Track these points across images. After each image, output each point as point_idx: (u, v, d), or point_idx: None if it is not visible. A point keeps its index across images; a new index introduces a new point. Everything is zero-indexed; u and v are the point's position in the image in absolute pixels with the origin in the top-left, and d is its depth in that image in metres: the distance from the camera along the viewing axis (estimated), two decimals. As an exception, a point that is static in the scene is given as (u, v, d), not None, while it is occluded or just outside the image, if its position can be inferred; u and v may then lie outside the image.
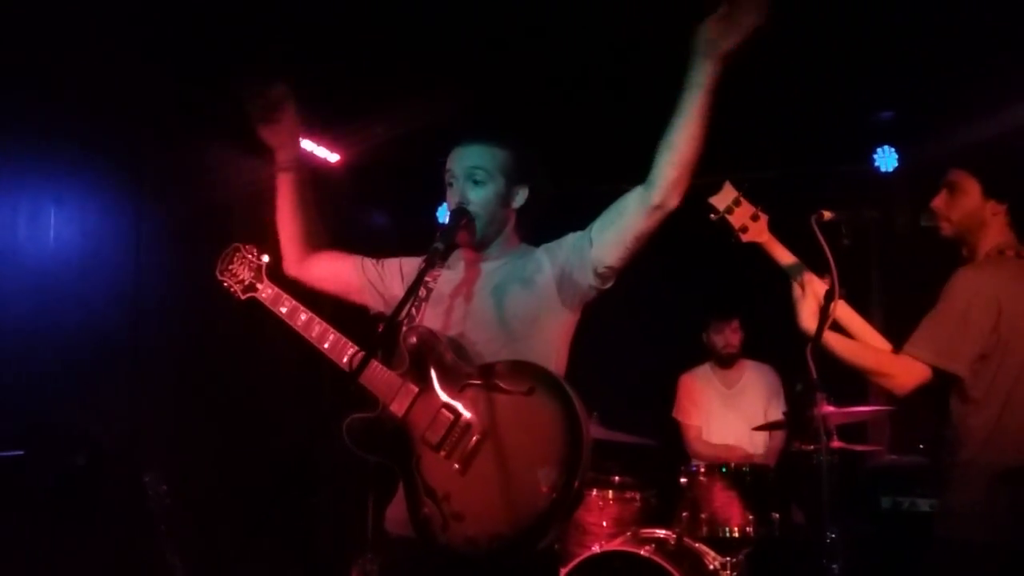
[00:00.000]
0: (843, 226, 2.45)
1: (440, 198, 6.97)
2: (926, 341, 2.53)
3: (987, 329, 2.49)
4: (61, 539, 3.27)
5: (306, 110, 4.79)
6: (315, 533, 4.39)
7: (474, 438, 2.24)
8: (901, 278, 5.20)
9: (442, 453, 2.27)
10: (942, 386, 2.58)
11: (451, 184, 2.48)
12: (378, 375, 2.38)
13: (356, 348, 2.48)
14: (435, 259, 2.32)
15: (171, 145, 3.86)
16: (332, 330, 2.55)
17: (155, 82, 3.85)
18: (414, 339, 2.38)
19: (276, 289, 2.71)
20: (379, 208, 5.99)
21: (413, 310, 2.44)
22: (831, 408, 4.22)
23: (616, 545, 4.13)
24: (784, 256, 2.74)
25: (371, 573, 3.62)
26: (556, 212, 2.60)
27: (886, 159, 5.42)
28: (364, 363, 2.20)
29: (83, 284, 3.57)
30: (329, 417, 2.38)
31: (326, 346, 2.53)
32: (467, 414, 2.27)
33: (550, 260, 2.45)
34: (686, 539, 4.17)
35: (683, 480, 4.40)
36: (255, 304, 2.73)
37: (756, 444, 5.03)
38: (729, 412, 5.15)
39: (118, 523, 3.54)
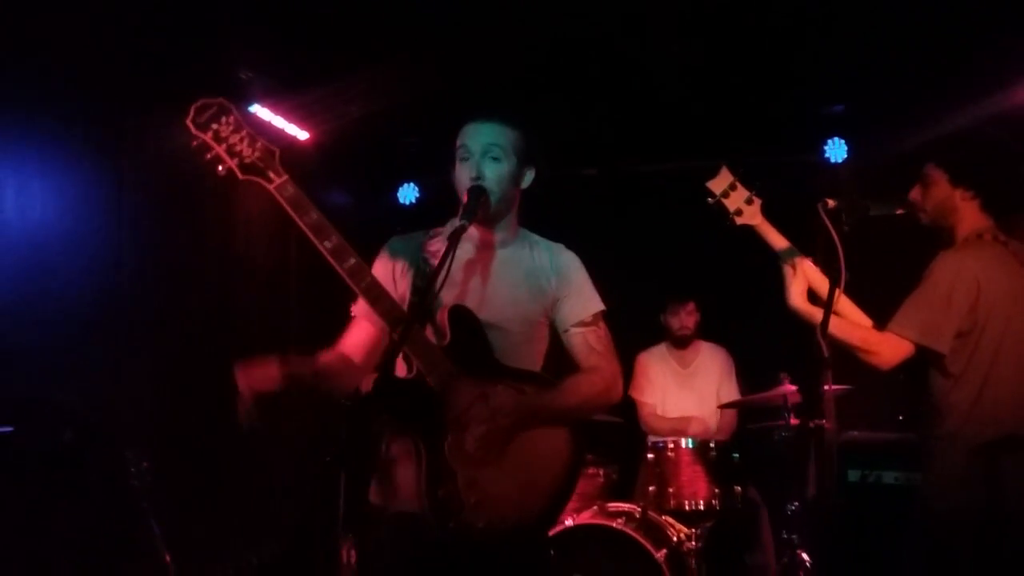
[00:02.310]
0: (843, 213, 2.59)
1: (400, 179, 6.98)
2: (911, 320, 2.68)
3: (966, 309, 2.66)
4: (47, 515, 3.24)
5: (276, 86, 4.79)
6: (293, 509, 4.41)
7: (504, 431, 2.32)
8: (847, 262, 5.43)
9: (473, 439, 2.30)
10: (917, 362, 2.73)
11: (465, 159, 2.47)
12: (422, 343, 2.31)
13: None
14: (459, 237, 2.34)
15: (153, 121, 3.82)
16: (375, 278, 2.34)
17: (138, 57, 3.80)
18: (459, 318, 2.38)
19: (297, 189, 2.26)
20: (340, 187, 5.98)
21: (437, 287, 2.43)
22: (791, 387, 4.45)
23: (586, 519, 4.27)
24: (776, 239, 2.86)
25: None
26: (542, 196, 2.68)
27: (836, 150, 5.63)
28: (407, 332, 2.21)
29: (65, 260, 3.52)
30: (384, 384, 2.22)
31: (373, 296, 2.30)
32: (502, 407, 2.33)
33: (558, 279, 2.53)
34: (651, 512, 4.34)
35: (650, 455, 4.56)
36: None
37: (710, 422, 5.22)
38: (683, 391, 5.30)
39: (101, 499, 3.51)
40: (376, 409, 2.30)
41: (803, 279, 2.78)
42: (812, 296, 2.82)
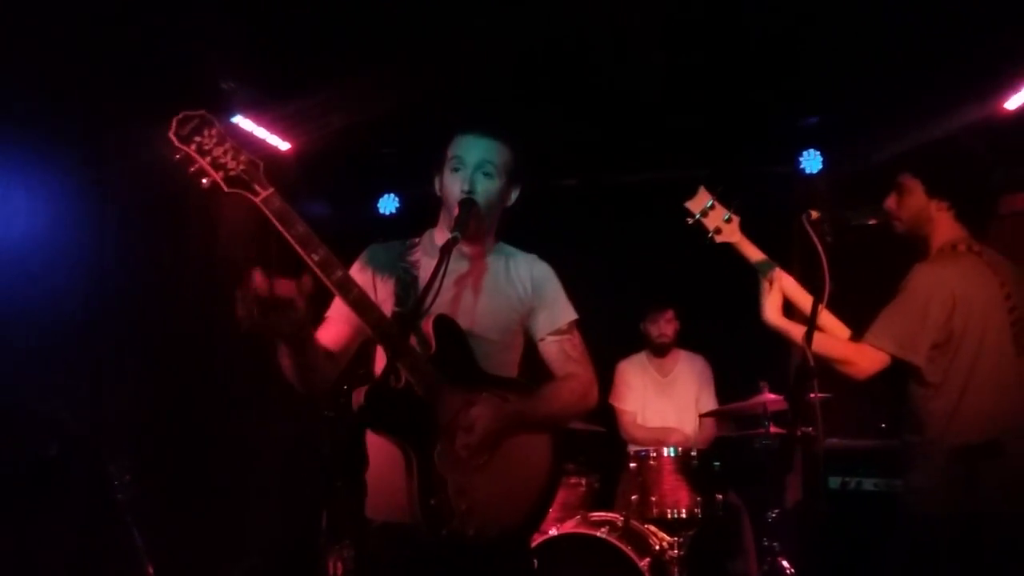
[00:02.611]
0: (826, 224, 2.65)
1: (380, 190, 6.97)
2: (887, 332, 2.73)
3: (942, 321, 2.70)
4: (31, 527, 3.22)
5: (258, 97, 4.78)
6: (280, 521, 4.39)
7: (492, 438, 2.36)
8: (835, 274, 5.50)
9: (463, 448, 2.34)
10: (899, 372, 2.78)
11: (457, 170, 2.50)
12: (410, 353, 2.34)
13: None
14: (452, 249, 2.35)
15: (135, 132, 3.80)
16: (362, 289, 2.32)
17: (120, 68, 3.79)
18: (444, 328, 2.41)
19: (283, 202, 2.21)
20: (321, 198, 5.99)
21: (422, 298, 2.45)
22: (771, 396, 4.51)
23: (569, 528, 4.29)
24: (755, 254, 2.92)
25: (347, 561, 3.65)
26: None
27: (811, 161, 5.71)
28: (398, 342, 2.25)
29: (49, 271, 3.50)
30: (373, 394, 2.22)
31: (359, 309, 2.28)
32: (488, 414, 2.37)
33: (534, 289, 2.60)
34: (633, 521, 4.38)
35: (632, 464, 4.59)
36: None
37: (688, 431, 5.25)
38: (662, 399, 5.34)
39: (84, 511, 3.49)
40: (370, 419, 2.30)
41: (779, 293, 2.83)
42: (789, 308, 2.87)
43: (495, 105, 4.67)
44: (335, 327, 2.52)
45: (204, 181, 2.19)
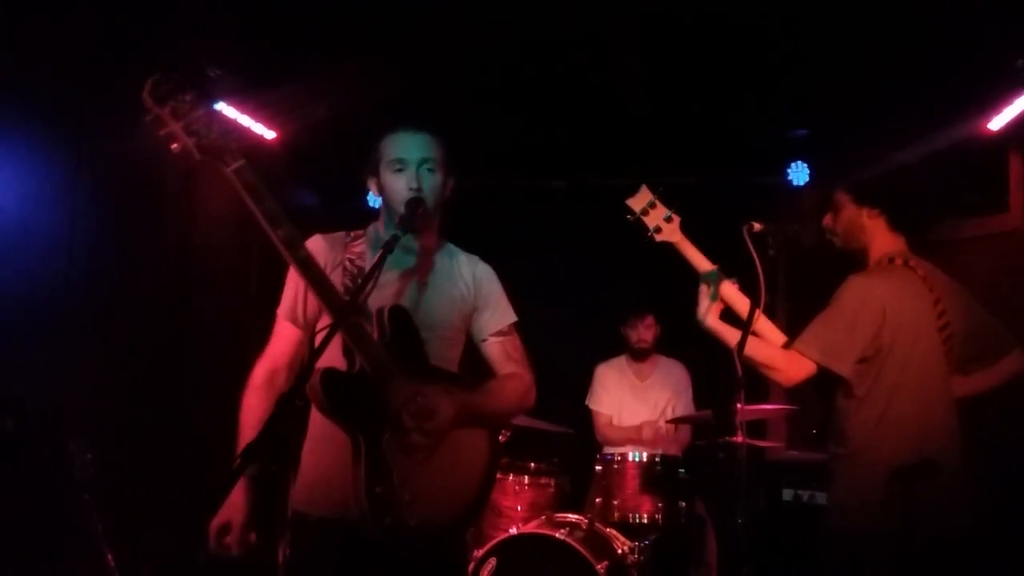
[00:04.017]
0: (770, 237, 2.65)
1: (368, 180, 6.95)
2: (815, 340, 2.73)
3: (870, 336, 2.71)
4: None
5: (244, 84, 4.79)
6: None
7: (439, 431, 2.38)
8: (805, 283, 5.51)
9: (411, 438, 2.35)
10: (829, 382, 2.79)
11: (400, 170, 2.51)
12: (364, 338, 2.33)
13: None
14: (393, 246, 2.36)
15: (108, 113, 3.82)
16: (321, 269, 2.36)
17: (100, 49, 3.81)
18: (398, 318, 2.42)
19: (254, 175, 2.21)
20: (308, 188, 6.00)
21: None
22: (740, 406, 4.49)
23: (531, 528, 4.30)
24: (694, 255, 2.92)
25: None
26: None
27: (799, 173, 5.72)
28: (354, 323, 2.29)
29: (16, 250, 3.52)
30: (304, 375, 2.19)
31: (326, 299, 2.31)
32: (438, 406, 2.38)
33: (476, 289, 2.63)
34: (597, 524, 4.38)
35: (598, 467, 4.60)
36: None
37: (661, 427, 5.24)
38: (639, 403, 5.34)
39: (42, 489, 3.50)
40: (328, 403, 2.28)
41: (718, 297, 2.83)
42: (731, 315, 2.87)
43: (423, 100, 4.66)
44: (286, 330, 2.58)
45: (175, 146, 2.15)
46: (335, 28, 4.44)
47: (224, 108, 4.82)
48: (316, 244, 2.57)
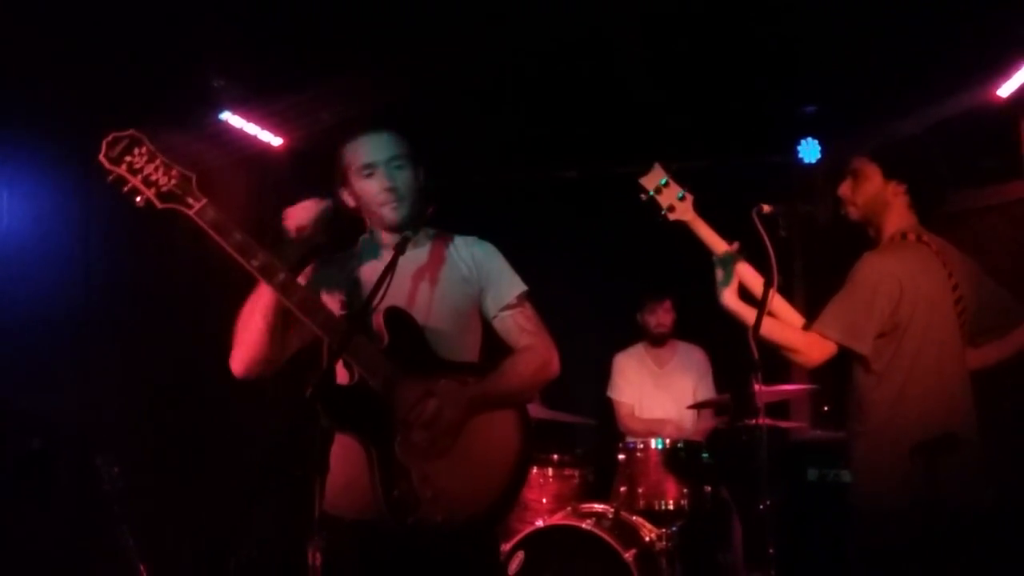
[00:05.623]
0: (780, 218, 2.64)
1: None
2: (834, 321, 2.71)
3: (888, 311, 2.69)
4: (17, 522, 3.28)
5: (249, 93, 4.81)
6: (273, 512, 4.43)
7: (453, 423, 2.37)
8: (821, 263, 5.48)
9: (422, 437, 2.35)
10: (846, 360, 2.77)
11: (371, 175, 2.50)
12: (362, 348, 2.35)
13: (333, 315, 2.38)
14: (405, 247, 2.40)
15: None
16: (308, 290, 2.39)
17: (110, 67, 3.84)
18: (395, 319, 2.43)
19: (217, 212, 2.29)
20: (315, 194, 6.01)
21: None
22: (758, 387, 4.48)
23: (558, 520, 4.30)
24: (708, 234, 2.89)
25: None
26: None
27: (809, 151, 5.66)
28: (347, 340, 2.26)
29: (34, 268, 3.56)
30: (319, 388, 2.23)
31: (304, 311, 2.33)
32: (447, 400, 2.38)
33: (477, 269, 2.60)
34: (623, 513, 4.37)
35: (621, 456, 4.59)
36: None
37: (685, 422, 5.24)
38: (660, 391, 5.34)
39: (72, 506, 3.55)
40: (327, 416, 2.30)
41: (734, 276, 2.81)
42: (748, 295, 2.86)
43: (431, 100, 4.65)
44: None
45: (138, 199, 2.29)
46: (341, 34, 4.46)
47: (230, 117, 4.85)
48: (316, 268, 2.59)
